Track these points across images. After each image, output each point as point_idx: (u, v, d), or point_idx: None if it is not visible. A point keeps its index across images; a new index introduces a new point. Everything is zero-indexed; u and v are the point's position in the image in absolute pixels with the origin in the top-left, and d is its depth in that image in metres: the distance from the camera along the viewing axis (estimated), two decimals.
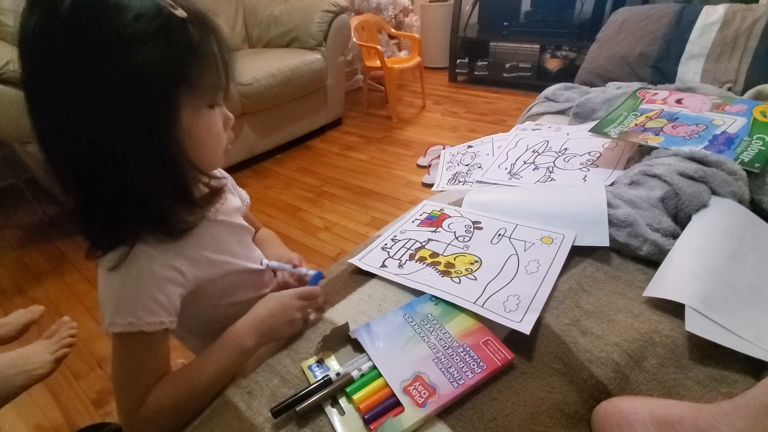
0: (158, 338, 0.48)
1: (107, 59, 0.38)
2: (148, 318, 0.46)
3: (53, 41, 0.37)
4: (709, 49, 1.13)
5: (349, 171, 2.15)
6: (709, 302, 0.49)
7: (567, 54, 2.91)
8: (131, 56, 0.38)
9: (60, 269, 1.58)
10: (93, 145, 0.40)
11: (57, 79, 0.38)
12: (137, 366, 0.47)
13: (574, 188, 0.76)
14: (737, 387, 0.45)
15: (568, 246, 0.61)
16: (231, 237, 0.60)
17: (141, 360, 0.47)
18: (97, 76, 0.38)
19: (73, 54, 0.37)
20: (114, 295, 0.45)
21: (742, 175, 0.66)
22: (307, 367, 0.49)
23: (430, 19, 3.46)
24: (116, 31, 0.38)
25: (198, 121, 0.46)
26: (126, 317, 0.45)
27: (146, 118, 0.41)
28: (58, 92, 0.39)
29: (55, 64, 0.38)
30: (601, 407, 0.44)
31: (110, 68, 0.38)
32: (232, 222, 0.61)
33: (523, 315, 0.51)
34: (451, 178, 0.98)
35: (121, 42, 0.38)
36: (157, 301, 0.47)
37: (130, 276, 0.45)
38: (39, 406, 1.08)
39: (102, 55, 0.38)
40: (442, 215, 0.74)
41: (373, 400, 0.44)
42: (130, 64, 0.39)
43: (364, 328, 0.52)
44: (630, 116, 0.88)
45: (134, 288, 0.45)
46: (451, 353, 0.47)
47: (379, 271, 0.62)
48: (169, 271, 0.48)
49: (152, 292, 0.46)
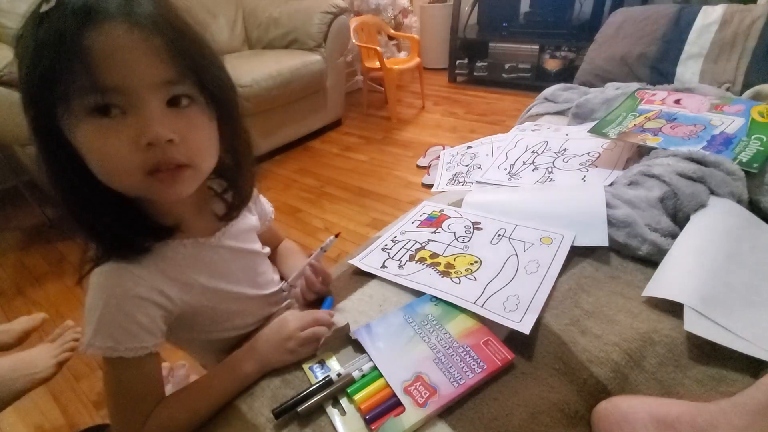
0: (144, 362, 0.45)
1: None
2: (128, 343, 0.43)
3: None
4: (707, 49, 1.13)
5: (349, 172, 2.16)
6: (708, 302, 0.50)
7: (566, 54, 2.91)
8: (19, 59, 0.37)
9: (60, 271, 1.58)
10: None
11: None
12: (124, 392, 0.45)
13: (573, 189, 0.77)
14: (736, 386, 0.45)
15: (567, 246, 0.61)
16: (234, 262, 0.55)
17: (129, 385, 0.45)
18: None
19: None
20: (95, 315, 0.42)
21: (740, 175, 0.66)
22: (308, 368, 0.49)
23: (430, 19, 3.47)
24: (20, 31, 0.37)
25: (77, 136, 0.37)
26: (106, 341, 0.42)
27: (40, 136, 0.38)
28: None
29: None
30: (601, 407, 0.44)
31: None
32: (238, 247, 0.56)
33: (522, 315, 0.51)
34: (451, 178, 0.99)
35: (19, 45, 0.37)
36: (139, 323, 0.43)
37: (113, 296, 0.42)
38: (39, 407, 1.08)
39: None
40: (441, 216, 0.74)
41: (374, 401, 0.44)
42: (20, 69, 0.37)
43: (364, 329, 0.52)
44: (629, 117, 0.88)
45: (115, 309, 0.42)
46: (452, 353, 0.48)
47: (380, 272, 0.63)
48: (155, 295, 0.45)
49: (134, 314, 0.43)
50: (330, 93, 2.50)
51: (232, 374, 0.49)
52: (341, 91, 2.64)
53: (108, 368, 0.44)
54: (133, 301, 0.43)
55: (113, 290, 0.43)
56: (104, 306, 0.42)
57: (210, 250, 0.52)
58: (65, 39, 0.34)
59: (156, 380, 0.48)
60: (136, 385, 0.45)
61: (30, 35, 0.35)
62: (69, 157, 0.38)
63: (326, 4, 2.32)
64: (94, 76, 0.34)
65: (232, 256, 0.55)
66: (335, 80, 2.51)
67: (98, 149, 0.37)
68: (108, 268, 0.43)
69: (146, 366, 0.45)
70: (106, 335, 0.42)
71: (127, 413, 0.45)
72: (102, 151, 0.37)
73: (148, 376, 0.46)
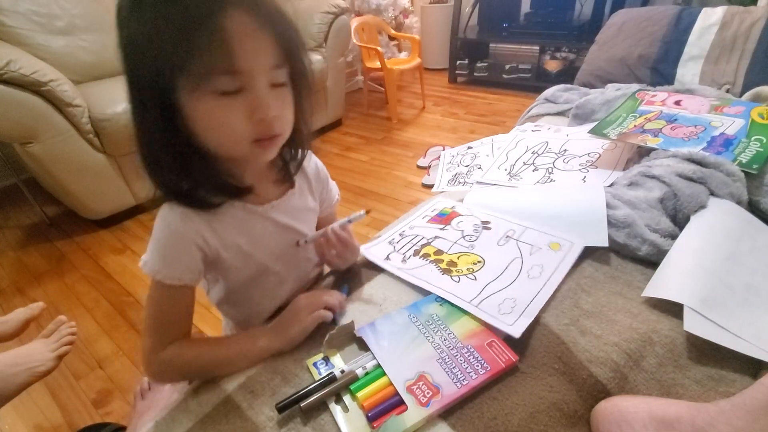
0: (180, 292, 0.50)
1: (120, 32, 0.40)
2: (170, 272, 0.48)
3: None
4: (707, 51, 1.13)
5: (349, 172, 2.16)
6: (708, 302, 0.50)
7: (566, 55, 2.92)
8: (126, 31, 0.40)
9: (60, 270, 1.58)
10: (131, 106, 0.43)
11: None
12: (158, 314, 0.51)
13: (573, 189, 0.77)
14: (735, 386, 0.45)
15: (575, 254, 0.60)
16: (275, 237, 0.57)
17: (162, 309, 0.51)
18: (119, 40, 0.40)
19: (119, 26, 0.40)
20: (154, 240, 0.49)
21: (740, 177, 0.67)
22: (312, 364, 0.49)
23: (430, 20, 3.47)
24: (119, 5, 0.40)
25: (199, 110, 0.41)
26: (155, 264, 0.48)
27: (144, 97, 0.41)
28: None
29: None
30: (600, 406, 0.44)
31: (121, 37, 0.40)
32: (285, 223, 0.57)
33: (516, 319, 0.51)
34: (451, 179, 0.99)
35: (120, 17, 0.40)
36: (182, 259, 0.49)
37: (170, 230, 0.48)
38: (39, 406, 1.08)
39: (120, 22, 0.40)
40: (452, 213, 0.74)
41: (376, 399, 0.44)
42: (125, 39, 0.40)
43: (369, 327, 0.52)
44: (629, 118, 0.88)
45: (168, 240, 0.48)
46: (455, 354, 0.48)
47: (383, 263, 0.63)
48: (199, 239, 0.50)
49: (181, 250, 0.49)
50: (330, 93, 2.50)
51: (247, 341, 0.53)
52: (341, 91, 2.64)
53: (151, 290, 0.50)
54: (182, 239, 0.49)
55: (171, 226, 0.48)
56: (162, 236, 0.49)
57: (256, 218, 0.55)
58: (202, 22, 0.37)
59: (186, 313, 0.52)
60: (168, 310, 0.51)
61: (154, 9, 0.38)
62: (169, 120, 0.42)
63: (327, 4, 2.32)
64: (231, 60, 0.39)
65: (275, 230, 0.57)
66: (336, 80, 2.51)
67: (217, 120, 0.42)
68: (171, 206, 0.49)
69: (181, 296, 0.51)
70: (157, 259, 0.48)
71: (155, 333, 0.51)
72: (220, 122, 0.42)
73: (180, 306, 0.51)
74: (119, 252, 1.65)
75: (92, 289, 1.47)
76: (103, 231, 1.79)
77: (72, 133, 1.55)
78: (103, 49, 1.94)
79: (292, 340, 0.52)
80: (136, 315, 1.34)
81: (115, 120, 1.59)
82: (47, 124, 1.48)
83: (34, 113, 1.44)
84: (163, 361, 0.50)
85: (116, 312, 1.36)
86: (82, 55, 1.88)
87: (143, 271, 0.49)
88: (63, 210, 1.94)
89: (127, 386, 1.11)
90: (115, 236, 1.75)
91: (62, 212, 1.94)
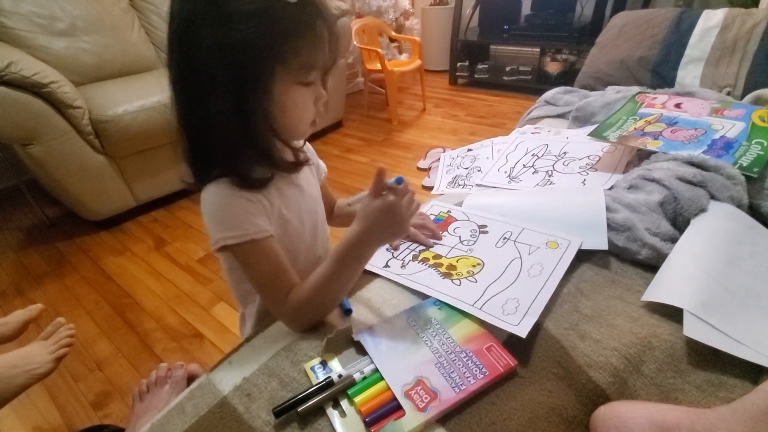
0: (268, 243, 0.54)
1: (210, 30, 0.45)
2: (252, 227, 0.52)
3: (178, 8, 0.47)
4: (708, 53, 1.13)
5: (350, 173, 2.16)
6: (708, 307, 0.50)
7: (567, 57, 2.92)
8: (230, 31, 0.45)
9: (60, 271, 1.58)
10: (195, 97, 0.49)
11: (179, 41, 0.47)
12: (260, 271, 0.54)
13: (573, 192, 0.76)
14: (735, 392, 0.45)
15: (573, 252, 0.60)
16: (303, 203, 0.63)
17: (262, 264, 0.53)
18: (202, 42, 0.45)
19: (188, 22, 0.46)
20: (218, 216, 0.52)
21: (740, 180, 0.66)
22: (309, 368, 0.49)
23: (431, 22, 3.48)
24: (220, 8, 0.45)
25: (287, 95, 0.50)
26: (234, 231, 0.51)
27: (239, 85, 0.47)
28: (180, 50, 0.48)
29: (177, 28, 0.47)
30: (600, 411, 0.44)
31: (212, 38, 0.45)
32: (307, 190, 0.65)
33: (521, 318, 0.51)
34: (451, 181, 0.99)
35: (222, 18, 0.45)
36: (254, 215, 0.53)
37: (228, 196, 0.52)
38: (38, 408, 1.08)
39: (206, 26, 0.45)
40: (448, 218, 0.74)
41: (374, 403, 0.44)
42: (229, 37, 0.45)
43: (367, 331, 0.52)
44: (629, 120, 0.88)
45: (235, 207, 0.52)
46: (454, 358, 0.47)
47: (382, 271, 0.63)
48: (256, 199, 0.54)
49: (248, 209, 0.53)
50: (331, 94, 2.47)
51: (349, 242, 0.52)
52: (342, 92, 2.64)
53: (242, 258, 0.54)
54: (245, 200, 0.53)
55: (230, 196, 0.52)
56: (226, 207, 0.52)
57: (290, 185, 0.61)
58: (303, 29, 0.47)
59: (282, 258, 0.55)
60: (267, 262, 0.54)
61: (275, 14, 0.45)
62: (252, 105, 0.49)
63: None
64: (317, 59, 0.50)
65: (302, 195, 0.63)
66: (336, 82, 2.51)
67: (296, 104, 0.52)
68: (218, 185, 0.53)
69: (270, 246, 0.54)
70: (232, 227, 0.51)
71: (270, 290, 0.54)
72: (299, 106, 0.52)
73: (275, 254, 0.54)
74: (119, 253, 1.65)
75: (92, 291, 1.47)
76: (103, 232, 1.79)
77: (72, 134, 1.55)
78: (103, 50, 1.94)
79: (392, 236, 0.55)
80: (135, 317, 1.34)
81: (115, 121, 1.59)
82: (48, 126, 1.48)
83: (35, 115, 1.44)
84: (290, 307, 0.53)
85: (116, 314, 1.36)
86: (82, 56, 1.88)
87: (228, 244, 0.51)
88: (63, 211, 1.95)
89: (126, 388, 1.11)
90: (116, 237, 1.75)
91: (62, 213, 1.94)
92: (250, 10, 0.45)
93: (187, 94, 0.50)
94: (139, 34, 2.11)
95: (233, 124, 0.49)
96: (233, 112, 0.48)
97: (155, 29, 2.17)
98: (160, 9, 2.17)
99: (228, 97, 0.47)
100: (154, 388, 0.97)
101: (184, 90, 0.50)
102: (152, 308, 1.38)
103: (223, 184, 0.52)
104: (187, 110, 0.51)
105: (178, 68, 0.49)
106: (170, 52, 0.49)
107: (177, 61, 0.49)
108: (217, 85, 0.47)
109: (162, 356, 1.20)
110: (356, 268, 0.54)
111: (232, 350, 0.56)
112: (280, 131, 0.53)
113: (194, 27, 0.46)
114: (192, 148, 0.53)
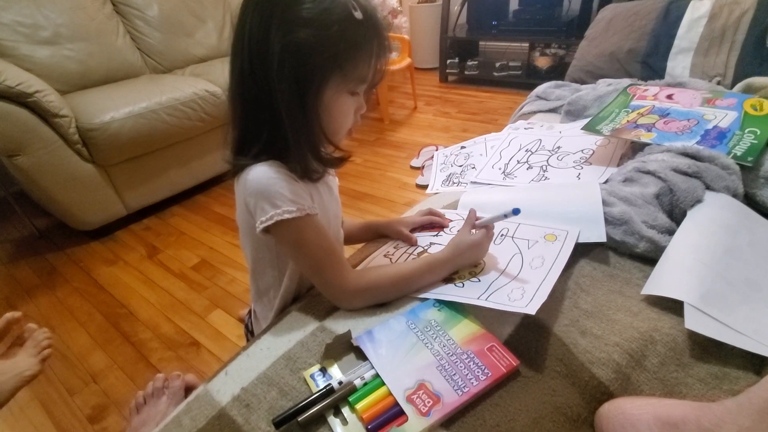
0: (321, 222, 0.56)
1: (278, 31, 0.49)
2: (308, 203, 0.55)
3: (250, 9, 0.51)
4: (697, 43, 1.14)
5: (343, 174, 2.14)
6: (708, 298, 0.49)
7: (556, 52, 2.92)
8: (296, 34, 0.49)
9: (51, 283, 1.55)
10: (264, 88, 0.52)
11: (255, 40, 0.50)
12: (316, 248, 0.55)
13: (568, 186, 0.76)
14: (739, 384, 0.44)
15: (572, 241, 0.60)
16: (330, 202, 0.66)
17: (318, 240, 0.55)
18: (272, 41, 0.49)
19: (259, 22, 0.50)
20: (275, 190, 0.53)
21: (735, 169, 0.66)
22: (309, 376, 0.48)
23: (419, 20, 3.47)
24: (299, 13, 0.49)
25: (336, 101, 0.54)
26: (293, 205, 0.53)
27: (301, 83, 0.51)
28: (254, 48, 0.51)
29: (247, 24, 0.51)
30: (604, 409, 0.44)
31: (279, 39, 0.49)
32: (333, 190, 0.69)
33: (529, 300, 0.50)
34: (445, 179, 0.98)
35: (298, 21, 0.49)
36: (301, 193, 0.55)
37: (281, 177, 0.54)
38: (33, 424, 1.06)
39: (275, 28, 0.49)
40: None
41: (376, 410, 0.43)
42: (296, 39, 0.49)
43: (366, 336, 0.51)
44: (621, 113, 0.88)
45: (286, 184, 0.54)
46: (455, 360, 0.47)
47: None
48: (305, 190, 0.57)
49: (295, 186, 0.55)
50: None
51: (427, 262, 0.59)
52: None
53: (297, 234, 0.55)
54: (294, 181, 0.55)
55: (284, 174, 0.54)
56: (281, 182, 0.53)
57: (323, 184, 0.64)
58: (363, 44, 0.52)
59: (330, 236, 0.58)
60: (325, 238, 0.56)
61: (343, 27, 0.50)
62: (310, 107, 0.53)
63: None
64: (368, 73, 0.54)
65: (330, 196, 0.66)
66: None
67: (342, 113, 0.56)
68: (270, 163, 0.54)
69: (322, 224, 0.57)
70: (289, 201, 0.53)
71: (328, 263, 0.56)
72: (345, 113, 0.57)
73: (327, 232, 0.57)
74: (111, 263, 1.63)
75: (85, 302, 1.44)
76: (94, 242, 1.76)
77: (60, 144, 1.52)
78: (88, 57, 1.91)
79: (472, 263, 0.60)
80: (130, 327, 1.32)
81: (103, 129, 1.56)
82: (34, 136, 1.45)
83: (21, 125, 1.41)
84: (361, 284, 0.56)
85: (110, 324, 1.34)
86: (67, 64, 1.85)
87: (277, 222, 0.52)
88: (53, 222, 1.91)
89: (123, 400, 1.09)
90: (107, 247, 1.73)
91: (52, 224, 1.91)
92: (327, 20, 0.49)
93: (258, 85, 0.52)
94: (125, 40, 2.08)
95: (292, 114, 0.52)
96: (293, 104, 0.52)
97: (141, 35, 2.14)
98: (145, 14, 2.14)
99: (290, 90, 0.51)
100: (152, 399, 0.96)
101: (254, 82, 0.52)
102: (147, 318, 1.35)
103: (274, 165, 0.54)
104: (250, 99, 0.53)
105: (250, 62, 0.52)
106: (238, 48, 0.52)
107: (249, 56, 0.51)
108: (283, 80, 0.50)
109: (158, 366, 1.18)
110: (432, 279, 0.59)
111: (228, 360, 0.55)
112: (326, 131, 0.56)
113: (270, 28, 0.49)
114: (244, 135, 0.56)
